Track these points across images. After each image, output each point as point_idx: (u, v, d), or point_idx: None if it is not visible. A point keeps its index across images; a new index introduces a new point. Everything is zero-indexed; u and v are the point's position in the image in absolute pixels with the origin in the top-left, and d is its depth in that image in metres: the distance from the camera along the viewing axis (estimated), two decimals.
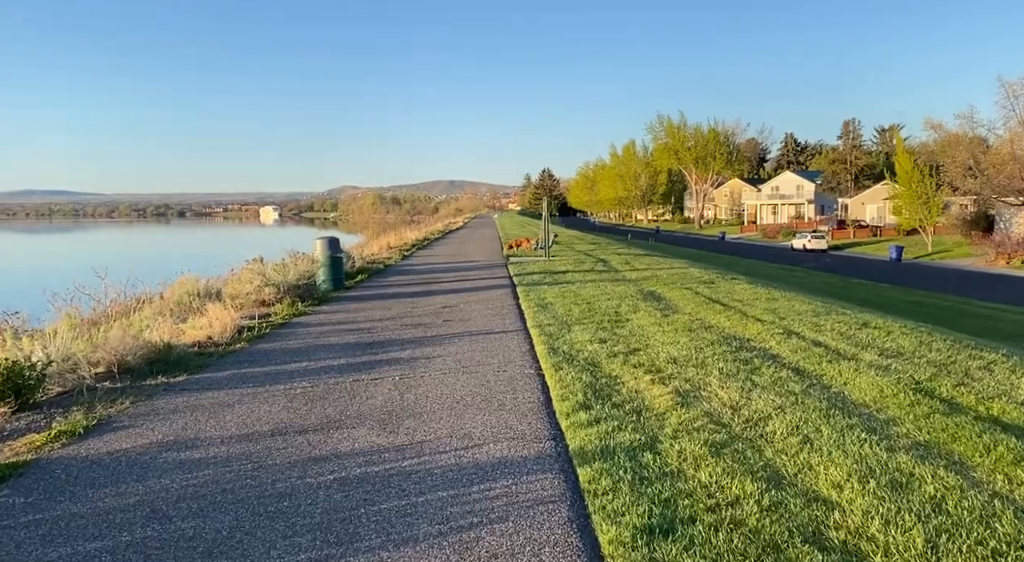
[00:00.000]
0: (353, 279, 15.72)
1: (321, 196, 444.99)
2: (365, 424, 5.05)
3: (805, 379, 5.89)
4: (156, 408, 5.63)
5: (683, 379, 5.98)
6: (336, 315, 10.58)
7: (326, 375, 6.66)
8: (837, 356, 6.70)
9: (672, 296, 11.46)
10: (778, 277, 28.47)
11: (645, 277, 14.72)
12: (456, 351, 7.64)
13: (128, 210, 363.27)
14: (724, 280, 13.94)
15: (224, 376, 6.73)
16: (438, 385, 6.15)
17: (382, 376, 6.55)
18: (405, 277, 16.63)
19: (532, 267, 17.46)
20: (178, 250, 59.31)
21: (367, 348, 7.94)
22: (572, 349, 7.39)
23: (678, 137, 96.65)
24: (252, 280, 11.55)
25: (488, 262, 20.40)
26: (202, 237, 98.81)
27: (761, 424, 4.74)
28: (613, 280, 14.07)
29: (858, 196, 68.03)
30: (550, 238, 20.57)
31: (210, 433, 4.95)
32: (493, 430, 4.84)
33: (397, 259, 22.39)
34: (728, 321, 8.86)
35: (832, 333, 7.93)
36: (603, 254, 22.28)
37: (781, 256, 47.84)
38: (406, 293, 13.21)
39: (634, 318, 9.27)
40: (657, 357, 6.82)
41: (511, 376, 6.42)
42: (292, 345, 8.25)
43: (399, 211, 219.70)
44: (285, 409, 5.50)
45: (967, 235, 45.21)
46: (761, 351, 7.02)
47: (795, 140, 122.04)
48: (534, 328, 8.80)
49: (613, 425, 4.77)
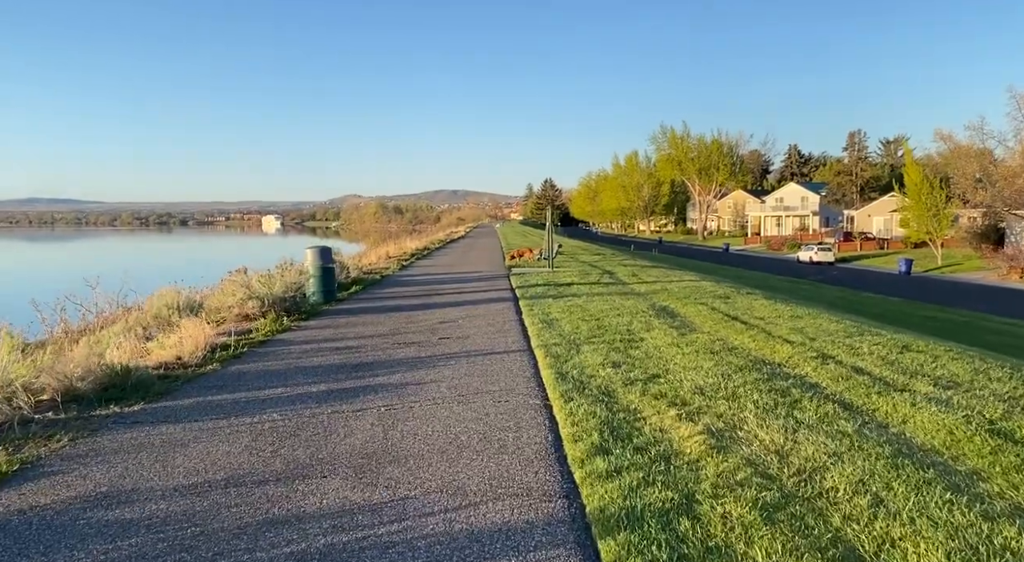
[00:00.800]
0: (347, 291, 14.91)
1: (324, 205, 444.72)
2: (339, 472, 4.22)
3: (856, 416, 5.05)
4: (97, 447, 4.79)
5: (714, 414, 5.14)
6: (323, 331, 9.75)
7: (302, 405, 5.83)
8: (886, 387, 5.86)
9: (687, 312, 10.63)
10: (785, 289, 27.66)
11: (655, 291, 13.88)
12: (452, 375, 6.81)
13: (130, 218, 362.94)
14: (740, 295, 13.11)
15: (186, 405, 5.90)
16: (429, 419, 5.32)
17: (366, 407, 5.71)
18: (402, 288, 15.81)
19: (535, 279, 16.64)
20: (175, 259, 58.61)
21: (353, 371, 7.11)
22: (582, 374, 6.56)
23: (681, 148, 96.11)
24: (234, 293, 10.74)
25: (489, 273, 19.59)
26: (201, 246, 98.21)
27: (817, 477, 3.90)
28: (622, 293, 13.25)
29: (864, 208, 67.23)
30: (554, 248, 19.76)
31: (152, 483, 4.11)
32: (493, 482, 4.01)
33: (395, 269, 21.59)
34: (753, 342, 8.02)
35: (872, 358, 7.09)
36: (609, 265, 21.45)
37: (787, 268, 47.01)
38: (402, 306, 12.39)
39: (648, 337, 8.44)
40: (680, 386, 5.98)
41: (514, 408, 5.59)
42: (270, 367, 7.42)
43: (401, 220, 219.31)
44: (247, 450, 4.66)
45: (977, 248, 44.35)
46: (797, 379, 6.18)
47: (799, 152, 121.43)
48: (539, 348, 7.96)
49: (638, 477, 3.94)
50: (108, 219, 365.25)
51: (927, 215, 43.24)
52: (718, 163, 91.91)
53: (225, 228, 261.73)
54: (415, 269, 22.24)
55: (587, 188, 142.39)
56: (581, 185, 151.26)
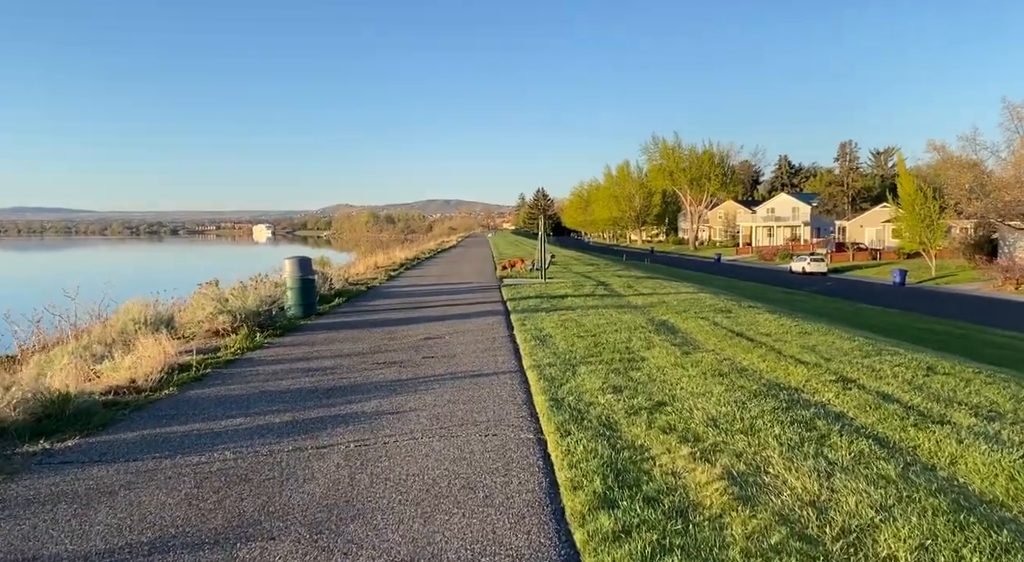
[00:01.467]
0: (329, 303, 14.18)
1: (316, 214, 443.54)
2: (290, 531, 3.51)
3: (896, 455, 4.39)
4: (8, 496, 4.06)
5: (732, 453, 4.46)
6: (298, 349, 9.02)
7: (261, 439, 5.11)
8: (921, 418, 5.21)
9: (688, 328, 9.97)
10: (780, 301, 27.13)
11: (652, 303, 13.24)
12: (434, 402, 6.10)
13: (121, 227, 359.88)
14: (742, 308, 12.47)
15: (128, 439, 5.17)
16: (405, 458, 4.61)
17: (333, 442, 5.00)
18: (388, 301, 15.09)
19: (528, 290, 15.97)
20: (161, 268, 57.60)
21: (324, 397, 6.40)
22: (580, 401, 5.87)
23: (673, 158, 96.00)
24: (204, 307, 10.01)
25: (480, 284, 18.91)
26: (189, 255, 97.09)
27: (867, 540, 3.23)
28: (618, 307, 12.58)
29: (856, 218, 67.11)
30: (547, 259, 19.09)
31: (61, 547, 3.39)
32: (476, 547, 3.30)
33: (383, 280, 20.86)
34: (763, 363, 7.36)
35: (897, 381, 6.45)
36: (602, 276, 20.81)
37: (780, 279, 46.58)
38: (386, 320, 11.67)
39: (650, 356, 7.77)
40: (691, 416, 5.31)
41: (502, 444, 4.89)
42: (232, 391, 6.69)
43: (393, 230, 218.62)
44: (187, 500, 3.94)
45: (970, 259, 44.11)
46: (820, 408, 5.52)
47: (789, 162, 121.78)
48: (531, 369, 7.28)
49: (651, 540, 3.25)
50: (98, 228, 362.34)
51: (921, 226, 42.94)
52: (709, 173, 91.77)
53: (216, 237, 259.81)
54: (403, 280, 21.53)
55: (579, 198, 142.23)
56: (573, 195, 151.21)
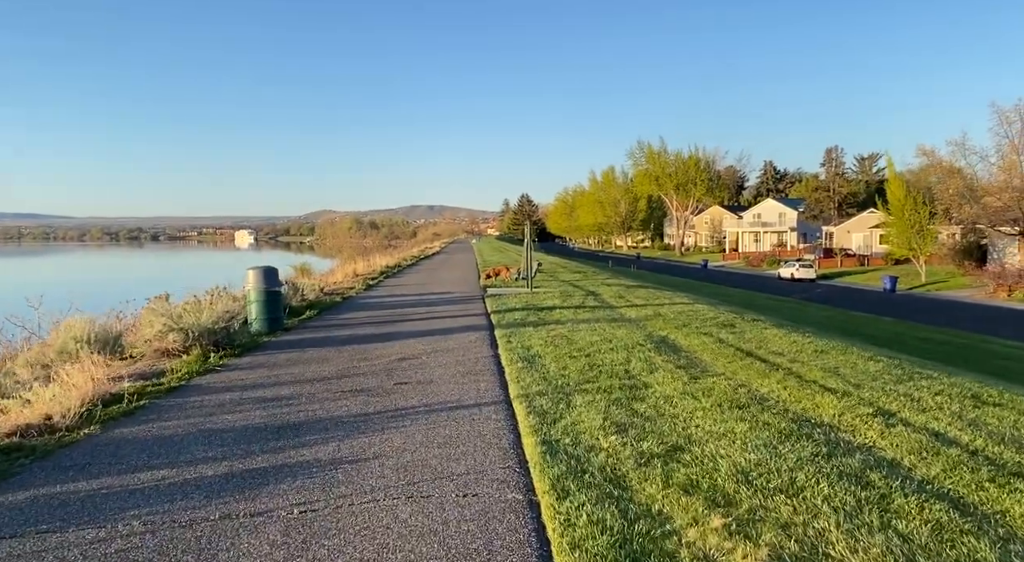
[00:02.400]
0: (299, 316, 13.13)
1: (299, 220, 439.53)
2: None
3: (984, 526, 3.46)
4: None
5: (776, 524, 3.51)
6: (255, 372, 7.98)
7: (184, 501, 4.09)
8: (996, 468, 4.28)
9: (692, 345, 9.04)
10: (771, 309, 26.41)
11: (648, 316, 12.31)
12: (403, 445, 5.10)
13: (100, 233, 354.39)
14: (746, 322, 11.56)
15: (13, 504, 4.12)
16: (360, 533, 3.61)
17: (272, 507, 3.99)
18: (363, 313, 14.05)
19: (513, 301, 15.00)
20: (134, 275, 55.99)
21: (273, 437, 5.38)
22: (578, 444, 4.90)
23: (658, 163, 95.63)
24: (152, 323, 8.94)
25: (462, 294, 17.91)
26: (166, 262, 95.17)
27: None
28: (611, 320, 11.64)
29: (844, 224, 66.88)
30: (533, 267, 18.11)
31: None
32: None
33: (360, 289, 19.78)
34: (784, 390, 6.44)
35: (945, 415, 5.54)
36: (591, 285, 19.89)
37: (769, 285, 46.01)
38: (358, 337, 10.64)
39: (654, 382, 6.82)
40: (715, 467, 4.35)
41: (484, 509, 3.90)
42: (166, 430, 5.65)
43: (377, 235, 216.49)
44: None
45: (960, 265, 43.77)
46: (867, 454, 4.59)
47: (774, 168, 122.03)
48: (519, 399, 6.30)
49: None
50: (77, 234, 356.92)
51: (911, 231, 42.52)
52: (695, 178, 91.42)
53: (198, 243, 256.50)
54: (382, 289, 20.47)
55: (564, 203, 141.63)
56: (558, 200, 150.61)
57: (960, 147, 42.06)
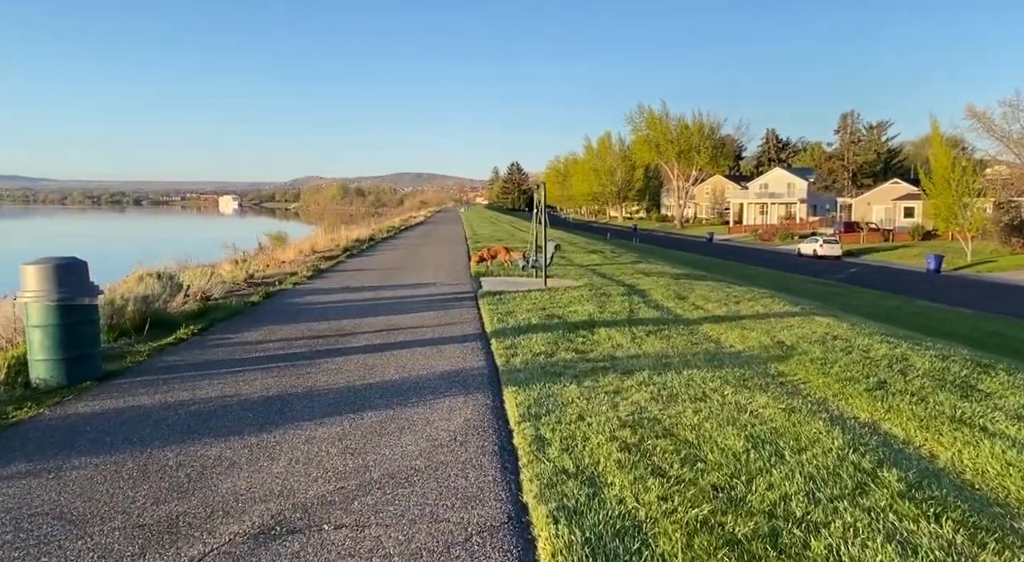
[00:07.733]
0: (170, 333, 7.86)
1: (285, 186, 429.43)
2: None
3: None
4: None
5: None
6: None
7: None
8: None
9: (916, 438, 3.88)
10: (813, 295, 21.54)
11: (767, 347, 7.12)
12: None
13: (82, 197, 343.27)
14: (989, 373, 6.39)
15: None
16: None
17: None
18: (280, 328, 8.76)
19: (524, 306, 9.80)
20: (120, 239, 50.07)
21: None
22: None
23: (660, 129, 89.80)
24: None
25: (446, 288, 12.67)
26: (142, 225, 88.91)
27: None
28: (710, 359, 6.45)
29: (864, 195, 61.80)
30: (550, 253, 12.68)
31: None
32: None
33: (304, 276, 14.39)
34: None
35: None
36: (625, 275, 14.66)
37: (790, 263, 41.09)
38: (230, 404, 5.40)
39: None
40: None
41: None
42: None
43: (363, 203, 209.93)
44: None
45: (1006, 242, 38.98)
46: None
47: (777, 136, 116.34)
48: None
49: None
50: (58, 197, 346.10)
51: (957, 205, 37.50)
52: (699, 146, 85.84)
53: (181, 208, 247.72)
54: (336, 276, 15.11)
55: (556, 172, 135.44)
56: (550, 169, 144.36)
57: (1015, 108, 36.93)
